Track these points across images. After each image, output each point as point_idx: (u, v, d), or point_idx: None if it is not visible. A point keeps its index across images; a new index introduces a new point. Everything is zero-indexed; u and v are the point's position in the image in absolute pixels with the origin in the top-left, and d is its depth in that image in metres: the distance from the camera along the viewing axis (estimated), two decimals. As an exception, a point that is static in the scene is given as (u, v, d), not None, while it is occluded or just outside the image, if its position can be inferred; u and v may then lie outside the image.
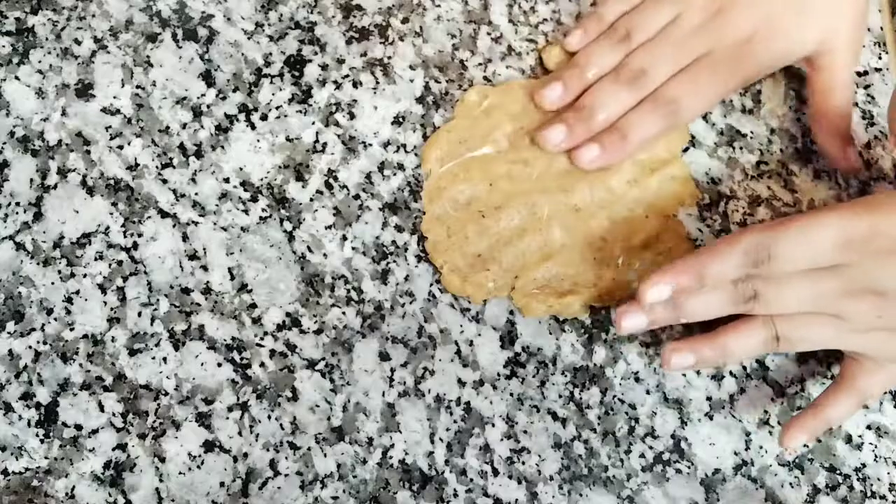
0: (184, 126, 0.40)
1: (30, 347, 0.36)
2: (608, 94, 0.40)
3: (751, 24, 0.40)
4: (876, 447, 0.39)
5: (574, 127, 0.40)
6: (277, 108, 0.41)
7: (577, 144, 0.40)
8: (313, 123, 0.41)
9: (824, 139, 0.42)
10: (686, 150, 0.43)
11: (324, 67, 0.42)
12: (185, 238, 0.38)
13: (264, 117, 0.40)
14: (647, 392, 0.39)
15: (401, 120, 0.41)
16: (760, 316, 0.36)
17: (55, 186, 0.38)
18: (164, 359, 0.37)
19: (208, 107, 0.40)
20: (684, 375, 0.39)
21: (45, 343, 0.36)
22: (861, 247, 0.34)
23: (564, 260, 0.40)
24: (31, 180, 0.38)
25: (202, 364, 0.37)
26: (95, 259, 0.37)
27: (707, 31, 0.40)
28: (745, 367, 0.40)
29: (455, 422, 0.37)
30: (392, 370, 0.38)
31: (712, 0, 0.40)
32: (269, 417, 0.36)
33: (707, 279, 0.36)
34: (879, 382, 0.37)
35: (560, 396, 0.38)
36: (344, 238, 0.39)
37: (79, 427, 0.35)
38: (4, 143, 0.38)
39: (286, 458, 0.36)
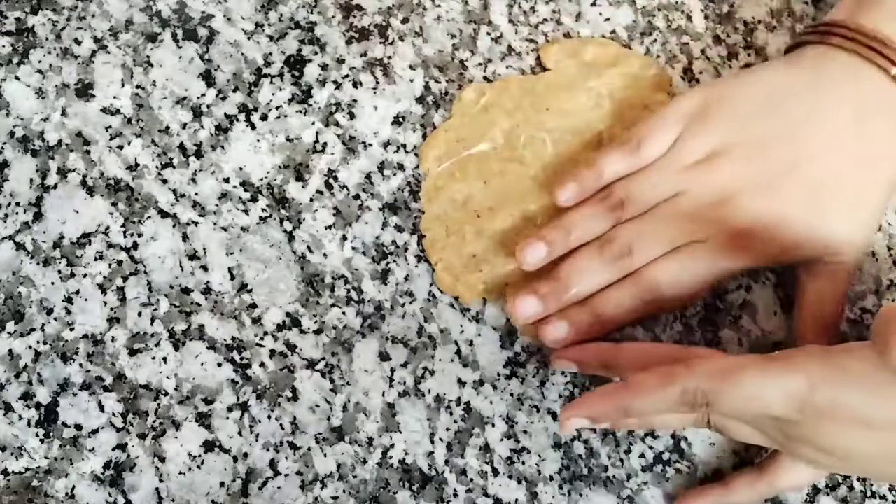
0: (184, 126, 0.40)
1: (30, 347, 0.36)
2: (587, 269, 0.37)
3: (758, 217, 0.36)
4: (876, 447, 0.39)
5: (546, 298, 0.37)
6: (277, 108, 0.41)
7: (546, 318, 0.37)
8: (313, 123, 0.41)
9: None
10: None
11: (324, 67, 0.42)
12: (185, 238, 0.38)
13: (264, 117, 0.40)
14: (647, 392, 0.39)
15: (401, 120, 0.41)
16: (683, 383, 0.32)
17: (55, 186, 0.38)
18: (164, 359, 0.37)
19: (208, 107, 0.40)
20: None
21: (45, 343, 0.36)
22: (802, 409, 0.29)
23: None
24: (31, 180, 0.38)
25: (202, 364, 0.37)
26: (95, 259, 0.37)
27: (707, 217, 0.36)
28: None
29: (455, 422, 0.37)
30: (392, 370, 0.38)
31: (722, 186, 0.36)
32: (269, 417, 0.36)
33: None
34: (798, 480, 0.36)
35: (560, 396, 0.38)
36: (344, 238, 0.39)
37: (79, 427, 0.35)
38: (4, 143, 0.38)
39: (286, 458, 0.36)
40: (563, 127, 0.42)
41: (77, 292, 0.37)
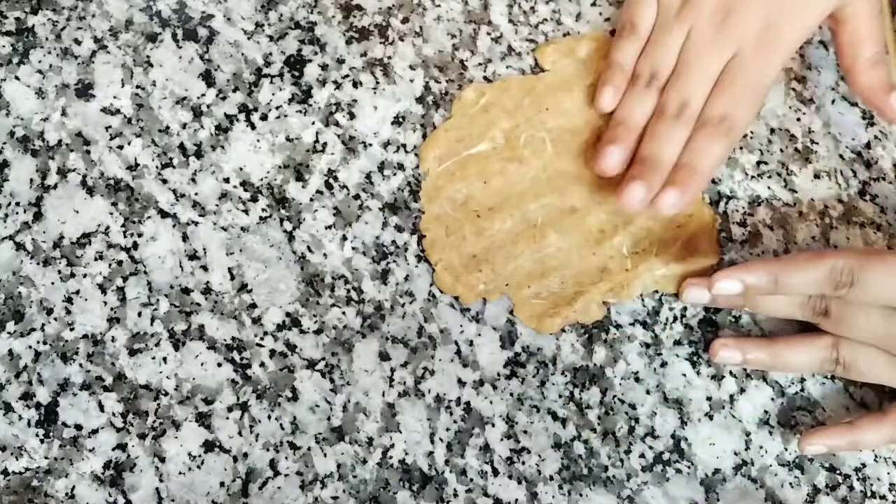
0: (184, 126, 0.40)
1: (30, 347, 0.36)
2: (663, 136, 0.39)
3: (761, 15, 0.39)
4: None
5: (648, 179, 0.38)
6: (277, 108, 0.41)
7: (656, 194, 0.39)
8: (313, 123, 0.41)
9: (864, 93, 0.41)
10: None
11: (324, 67, 0.42)
12: (185, 238, 0.38)
13: (264, 117, 0.40)
14: (647, 392, 0.39)
15: (401, 120, 0.41)
16: (826, 336, 0.37)
17: (55, 186, 0.38)
18: (164, 359, 0.37)
19: (208, 107, 0.40)
20: (684, 375, 0.39)
21: (45, 343, 0.36)
22: None
23: (561, 262, 0.40)
24: (31, 180, 0.38)
25: (202, 364, 0.37)
26: (95, 259, 0.37)
27: (723, 38, 0.39)
28: (745, 367, 0.40)
29: (455, 422, 0.37)
30: (392, 370, 0.38)
31: (716, 7, 0.40)
32: (269, 417, 0.36)
33: (782, 286, 0.36)
34: None
35: (560, 396, 0.38)
36: (344, 238, 0.39)
37: (79, 427, 0.35)
38: (4, 143, 0.38)
39: (286, 458, 0.36)
40: (563, 126, 0.42)
41: (77, 292, 0.37)
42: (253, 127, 0.40)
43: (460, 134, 0.41)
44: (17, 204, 0.38)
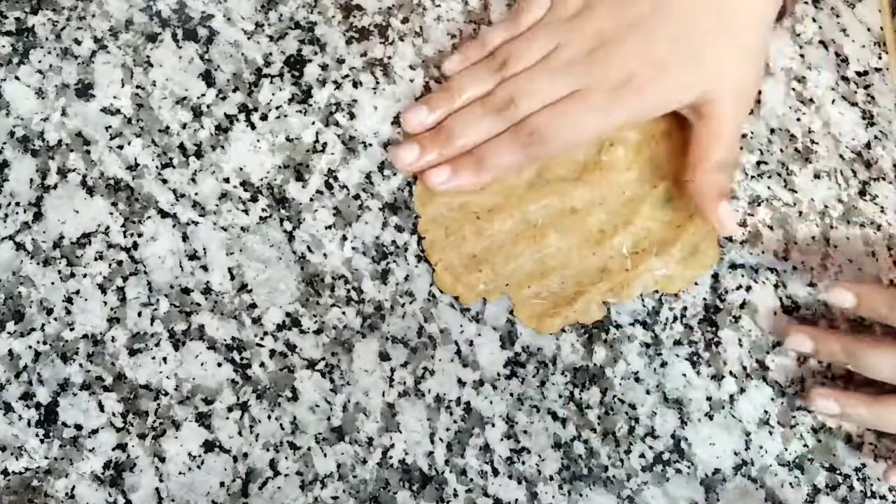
0: (184, 126, 0.40)
1: (30, 347, 0.36)
2: (471, 120, 0.38)
3: (631, 64, 0.38)
4: (876, 447, 0.39)
5: (428, 148, 0.38)
6: (277, 108, 0.41)
7: (429, 166, 0.39)
8: (313, 123, 0.41)
9: (698, 192, 0.38)
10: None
11: (324, 67, 0.42)
12: (185, 238, 0.38)
13: (264, 117, 0.40)
14: (647, 392, 0.39)
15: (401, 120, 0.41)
16: None
17: (55, 186, 0.38)
18: (164, 359, 0.37)
19: (208, 107, 0.40)
20: (684, 375, 0.39)
21: (45, 343, 0.36)
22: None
23: (561, 262, 0.39)
24: (31, 180, 0.38)
25: (202, 364, 0.37)
26: (95, 259, 0.37)
27: (584, 66, 0.38)
28: (745, 367, 0.40)
29: (455, 422, 0.37)
30: (392, 370, 0.38)
31: (595, 33, 0.38)
32: (269, 417, 0.36)
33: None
34: None
35: (560, 396, 0.38)
36: (344, 238, 0.39)
37: (79, 427, 0.35)
38: (4, 143, 0.38)
39: (286, 458, 0.36)
40: None
41: (77, 292, 0.37)
42: (253, 127, 0.40)
43: None
44: (17, 204, 0.38)
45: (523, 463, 0.37)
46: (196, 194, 0.39)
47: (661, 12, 0.38)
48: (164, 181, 0.39)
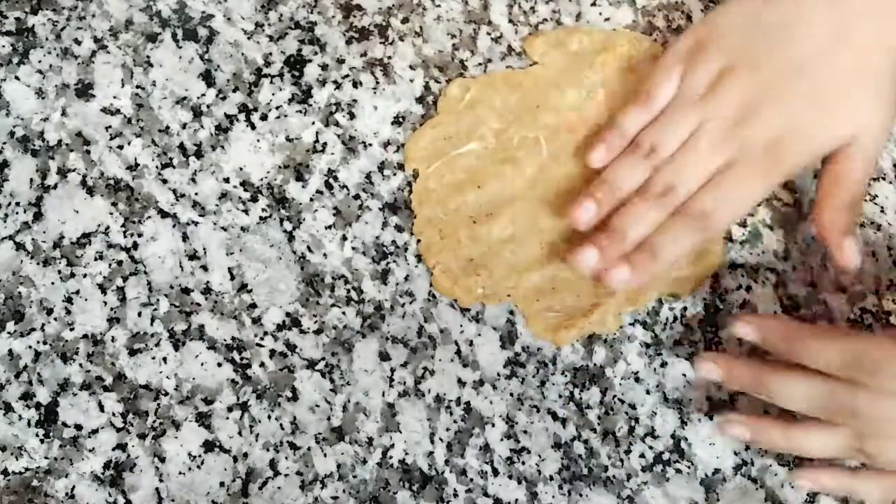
0: (184, 126, 0.40)
1: (30, 347, 0.36)
2: (637, 213, 0.38)
3: (776, 128, 0.38)
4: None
5: (606, 250, 0.38)
6: (277, 108, 0.41)
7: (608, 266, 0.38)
8: (313, 123, 0.41)
9: (826, 228, 0.39)
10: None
11: (324, 67, 0.42)
12: (185, 238, 0.38)
13: (264, 117, 0.40)
14: (647, 392, 0.39)
15: (401, 120, 0.41)
16: (845, 426, 0.35)
17: (55, 186, 0.38)
18: (164, 359, 0.37)
19: (208, 107, 0.40)
20: (684, 375, 0.39)
21: (45, 343, 0.36)
22: None
23: (574, 275, 0.39)
24: (31, 180, 0.38)
25: (202, 364, 0.37)
26: (95, 259, 0.37)
27: (732, 139, 0.38)
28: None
29: (455, 422, 0.37)
30: (392, 370, 0.38)
31: (734, 109, 0.38)
32: (269, 417, 0.36)
33: (797, 351, 0.36)
34: None
35: (560, 396, 0.38)
36: (344, 238, 0.39)
37: (79, 427, 0.35)
38: (4, 143, 0.38)
39: (286, 458, 0.36)
40: (557, 124, 0.41)
41: (77, 292, 0.37)
42: (253, 127, 0.40)
43: (447, 132, 0.41)
44: (17, 204, 0.38)
45: (523, 463, 0.37)
46: (196, 194, 0.39)
47: (793, 73, 0.38)
48: (164, 181, 0.39)
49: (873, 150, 0.39)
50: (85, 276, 0.37)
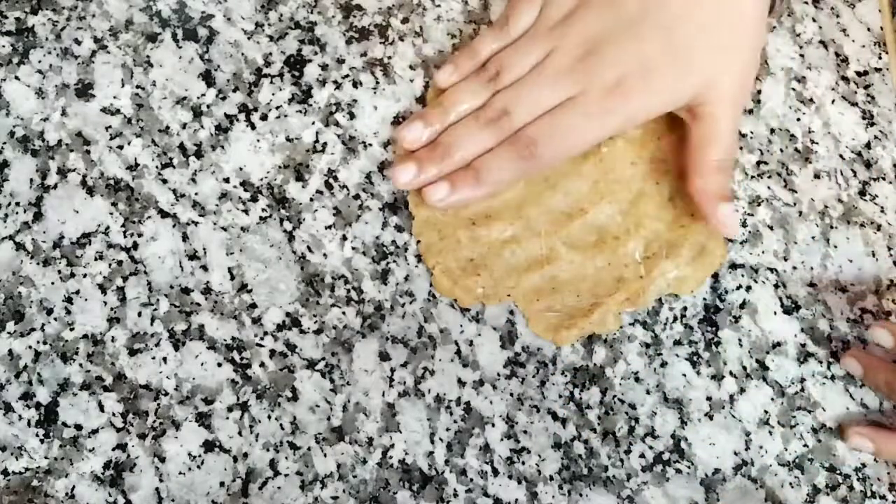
0: (184, 126, 0.40)
1: (30, 347, 0.36)
2: (466, 134, 0.38)
3: (621, 68, 0.37)
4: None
5: (425, 165, 0.38)
6: (277, 108, 0.41)
7: (428, 183, 0.38)
8: (313, 123, 0.41)
9: (698, 194, 0.38)
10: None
11: (324, 67, 0.42)
12: (185, 238, 0.38)
13: (264, 117, 0.40)
14: (647, 392, 0.39)
15: (401, 120, 0.41)
16: None
17: (55, 186, 0.38)
18: (164, 359, 0.37)
19: (208, 107, 0.40)
20: (684, 375, 0.39)
21: (45, 343, 0.36)
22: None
23: (574, 276, 0.39)
24: (31, 180, 0.38)
25: (202, 364, 0.37)
26: (95, 259, 0.37)
27: (575, 73, 0.37)
28: (745, 367, 0.40)
29: (455, 422, 0.37)
30: (392, 370, 0.38)
31: (584, 39, 0.38)
32: (269, 417, 0.36)
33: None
34: None
35: (560, 396, 0.38)
36: (344, 238, 0.39)
37: (79, 427, 0.35)
38: (4, 143, 0.38)
39: (286, 458, 0.36)
40: None
41: (77, 292, 0.37)
42: (253, 127, 0.40)
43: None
44: (17, 204, 0.38)
45: (523, 463, 0.37)
46: (196, 194, 0.39)
47: (650, 13, 0.37)
48: (164, 181, 0.39)
49: (733, 108, 0.38)
50: (85, 276, 0.37)
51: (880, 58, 0.47)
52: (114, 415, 0.36)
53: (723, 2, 0.38)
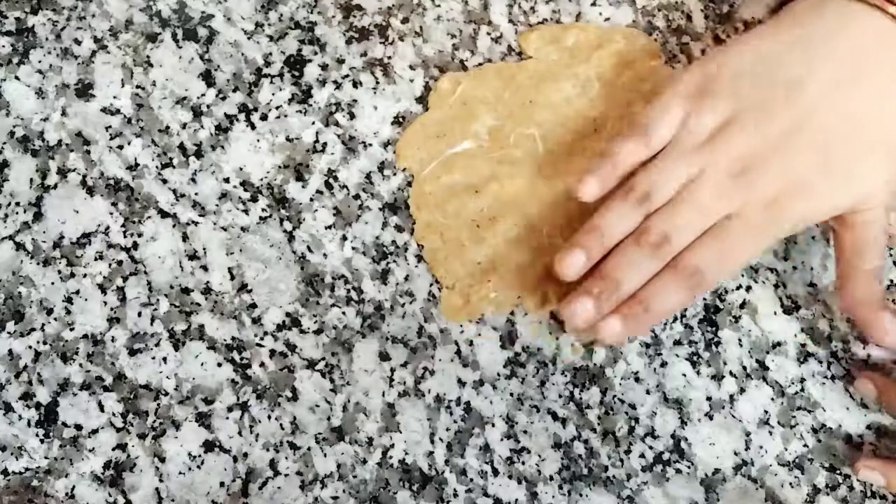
0: (184, 126, 0.40)
1: (30, 347, 0.36)
2: (629, 263, 0.36)
3: (778, 185, 0.36)
4: (876, 447, 0.39)
5: (600, 300, 0.36)
6: (277, 108, 0.41)
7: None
8: (313, 123, 0.41)
9: (856, 305, 0.37)
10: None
11: (324, 67, 0.42)
12: (185, 238, 0.38)
13: (264, 117, 0.40)
14: (647, 392, 0.39)
15: (401, 120, 0.41)
16: None
17: (55, 186, 0.38)
18: (164, 359, 0.37)
19: (208, 107, 0.40)
20: (684, 375, 0.39)
21: (45, 343, 0.36)
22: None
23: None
24: (31, 180, 0.38)
25: (202, 364, 0.37)
26: (95, 259, 0.37)
27: (731, 192, 0.36)
28: (745, 367, 0.40)
29: (455, 422, 0.37)
30: (392, 370, 0.38)
31: (738, 157, 0.36)
32: (269, 417, 0.36)
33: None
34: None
35: (560, 396, 0.38)
36: (344, 238, 0.39)
37: (79, 427, 0.35)
38: (4, 143, 0.38)
39: (286, 458, 0.36)
40: (552, 120, 0.41)
41: (77, 292, 0.37)
42: (253, 127, 0.40)
43: (440, 129, 0.41)
44: (17, 204, 0.38)
45: (523, 463, 0.37)
46: (196, 194, 0.39)
47: (806, 130, 0.36)
48: (164, 181, 0.39)
49: (881, 212, 0.37)
50: (85, 276, 0.37)
51: (880, 58, 0.47)
52: (114, 415, 0.36)
53: (871, 106, 0.37)
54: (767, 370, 0.40)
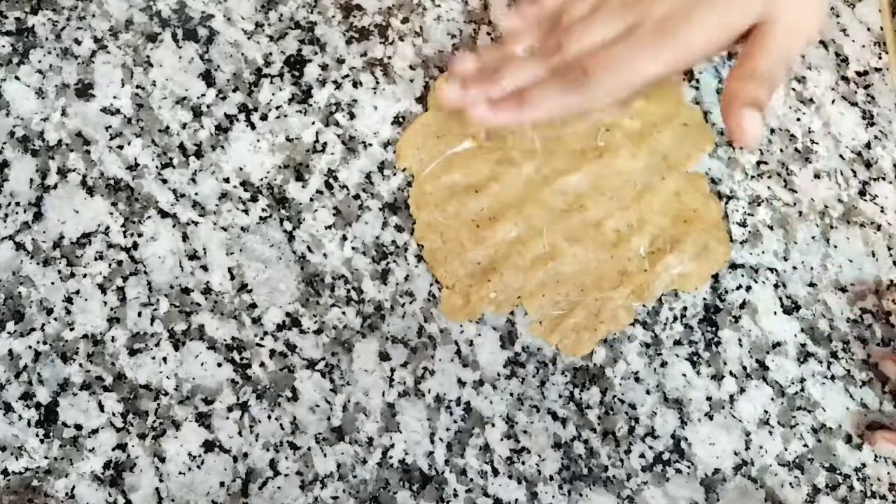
0: (184, 126, 0.40)
1: (30, 347, 0.36)
2: (518, 64, 0.37)
3: (669, 4, 0.36)
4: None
5: (472, 85, 0.37)
6: (277, 108, 0.41)
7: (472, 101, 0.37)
8: (313, 123, 0.41)
9: (725, 97, 0.36)
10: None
11: (324, 67, 0.42)
12: (185, 238, 0.38)
13: (264, 117, 0.40)
14: (647, 392, 0.39)
15: (401, 120, 0.41)
16: None
17: (55, 186, 0.38)
18: (164, 359, 0.37)
19: (208, 107, 0.40)
20: (684, 375, 0.39)
21: (45, 343, 0.36)
22: None
23: (577, 269, 0.39)
24: (31, 180, 0.38)
25: (202, 364, 0.37)
26: (95, 259, 0.37)
27: (629, 9, 0.36)
28: (745, 367, 0.40)
29: (455, 422, 0.37)
30: (392, 370, 0.38)
31: None
32: (269, 417, 0.36)
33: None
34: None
35: (560, 396, 0.38)
36: (344, 238, 0.39)
37: (79, 427, 0.35)
38: (4, 143, 0.38)
39: (286, 458, 0.36)
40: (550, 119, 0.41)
41: (77, 292, 0.37)
42: (253, 127, 0.40)
43: (440, 129, 0.41)
44: (17, 204, 0.38)
45: (523, 463, 0.37)
46: (196, 194, 0.39)
47: None
48: (164, 181, 0.39)
49: (793, 32, 0.37)
50: (85, 276, 0.37)
51: (880, 58, 0.47)
52: (114, 415, 0.36)
53: None
54: (767, 370, 0.40)
